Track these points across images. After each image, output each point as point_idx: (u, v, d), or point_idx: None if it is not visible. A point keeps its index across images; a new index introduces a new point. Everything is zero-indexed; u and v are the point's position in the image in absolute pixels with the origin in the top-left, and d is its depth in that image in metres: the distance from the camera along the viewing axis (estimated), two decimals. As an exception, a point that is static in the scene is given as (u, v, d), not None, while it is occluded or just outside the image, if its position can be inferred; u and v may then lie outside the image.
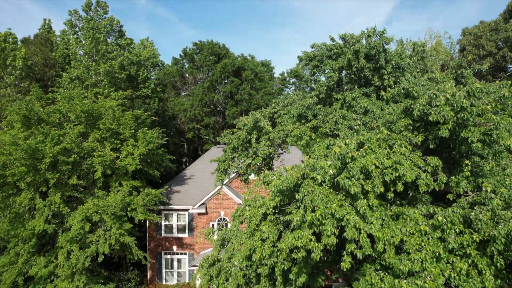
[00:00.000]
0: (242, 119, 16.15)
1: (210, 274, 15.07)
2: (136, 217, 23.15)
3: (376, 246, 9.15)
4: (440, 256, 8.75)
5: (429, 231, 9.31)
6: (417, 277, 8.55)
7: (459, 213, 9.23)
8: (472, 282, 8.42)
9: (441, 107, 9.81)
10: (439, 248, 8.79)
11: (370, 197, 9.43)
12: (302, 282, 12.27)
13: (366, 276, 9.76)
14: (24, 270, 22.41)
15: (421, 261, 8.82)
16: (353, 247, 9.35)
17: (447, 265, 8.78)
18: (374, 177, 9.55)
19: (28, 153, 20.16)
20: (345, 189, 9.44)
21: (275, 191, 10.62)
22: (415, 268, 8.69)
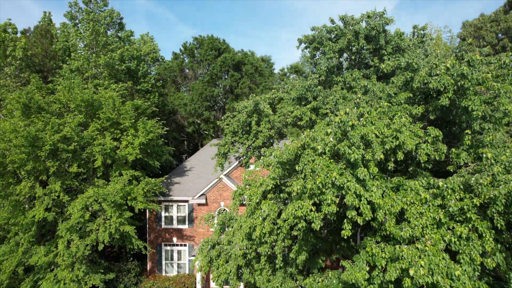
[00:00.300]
0: (242, 102, 16.12)
1: (210, 256, 15.02)
2: (136, 206, 23.11)
3: (376, 214, 9.10)
4: (441, 222, 8.70)
5: (430, 199, 9.27)
6: (417, 243, 8.49)
7: (460, 181, 9.18)
8: (473, 245, 8.37)
9: (441, 76, 9.78)
10: (440, 214, 8.74)
11: (370, 166, 9.38)
12: (303, 260, 12.27)
13: (366, 248, 9.70)
14: (24, 260, 22.38)
15: (421, 227, 8.77)
16: (354, 214, 9.30)
17: (447, 231, 8.73)
18: (375, 145, 9.50)
19: (28, 140, 20.13)
20: (346, 158, 9.40)
21: (275, 163, 10.57)
22: (415, 233, 8.64)
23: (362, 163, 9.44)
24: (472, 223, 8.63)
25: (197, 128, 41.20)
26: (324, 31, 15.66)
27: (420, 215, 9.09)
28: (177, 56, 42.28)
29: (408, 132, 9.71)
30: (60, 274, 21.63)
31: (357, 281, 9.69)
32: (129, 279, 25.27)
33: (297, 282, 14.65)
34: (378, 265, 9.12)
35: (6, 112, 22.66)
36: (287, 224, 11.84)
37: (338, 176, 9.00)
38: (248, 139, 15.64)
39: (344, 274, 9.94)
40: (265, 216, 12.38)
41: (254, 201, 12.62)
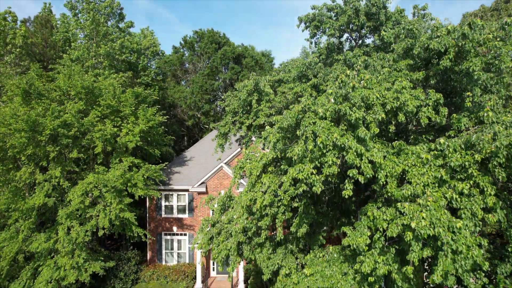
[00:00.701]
0: (242, 82, 16.10)
1: (211, 234, 14.97)
2: (136, 193, 23.06)
3: (377, 174, 9.06)
4: (442, 180, 8.66)
5: (431, 159, 9.22)
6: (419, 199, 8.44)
7: (461, 141, 9.14)
8: (474, 200, 8.32)
9: (442, 37, 9.76)
10: (441, 172, 8.69)
11: (371, 126, 9.34)
12: (303, 232, 12.20)
13: (368, 213, 9.65)
14: (24, 248, 22.27)
15: (423, 185, 8.72)
16: (355, 172, 9.24)
17: (449, 189, 8.68)
18: (376, 106, 9.46)
19: (28, 124, 20.10)
20: (347, 120, 9.36)
21: (276, 129, 10.54)
22: (417, 191, 8.58)
23: (363, 124, 9.41)
24: (474, 179, 8.59)
25: (197, 121, 41.18)
26: (325, 9, 15.66)
27: (422, 175, 9.04)
28: (177, 50, 42.32)
29: (409, 95, 9.69)
30: (60, 261, 21.53)
31: (358, 246, 9.64)
32: (129, 268, 25.19)
33: (297, 260, 14.59)
34: (380, 227, 9.07)
35: (6, 99, 22.64)
36: (287, 195, 11.81)
37: (339, 137, 8.96)
38: (248, 118, 15.60)
39: (345, 239, 9.89)
40: (266, 189, 12.32)
41: (255, 174, 12.57)
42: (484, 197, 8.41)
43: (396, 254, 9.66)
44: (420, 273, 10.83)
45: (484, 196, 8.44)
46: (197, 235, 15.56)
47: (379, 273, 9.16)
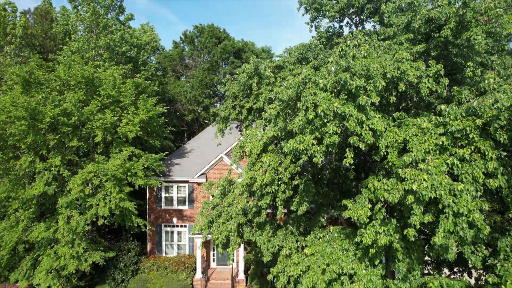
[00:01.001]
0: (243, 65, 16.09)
1: (211, 216, 14.94)
2: (137, 183, 23.02)
3: (378, 143, 9.04)
4: (443, 147, 8.64)
5: (432, 127, 9.21)
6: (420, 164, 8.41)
7: (462, 109, 9.13)
8: (475, 165, 8.30)
9: (443, 7, 9.77)
10: (442, 138, 8.67)
11: (372, 95, 9.32)
12: (304, 210, 12.17)
13: (369, 185, 9.64)
14: (24, 238, 22.21)
15: (424, 152, 8.70)
16: (355, 139, 9.22)
17: (450, 156, 8.66)
18: (376, 75, 9.45)
19: (28, 112, 20.08)
20: (347, 89, 9.36)
21: (277, 102, 10.52)
22: (418, 157, 8.56)
23: (364, 93, 9.39)
24: (475, 145, 8.56)
25: (197, 116, 41.16)
26: (325, -9, 15.66)
27: (422, 143, 9.01)
28: (177, 44, 42.33)
29: (409, 66, 9.68)
30: (60, 251, 21.46)
31: (359, 219, 9.62)
32: (129, 258, 25.13)
33: (298, 242, 14.56)
34: (381, 197, 9.05)
35: (6, 88, 22.63)
36: (288, 172, 11.80)
37: (340, 106, 8.95)
38: (249, 101, 15.59)
39: (346, 212, 9.88)
40: (266, 167, 12.31)
41: (255, 153, 12.56)
42: (486, 162, 8.39)
43: (397, 225, 9.63)
44: (420, 247, 10.82)
45: (486, 161, 8.42)
46: (197, 219, 15.50)
47: (380, 243, 9.14)
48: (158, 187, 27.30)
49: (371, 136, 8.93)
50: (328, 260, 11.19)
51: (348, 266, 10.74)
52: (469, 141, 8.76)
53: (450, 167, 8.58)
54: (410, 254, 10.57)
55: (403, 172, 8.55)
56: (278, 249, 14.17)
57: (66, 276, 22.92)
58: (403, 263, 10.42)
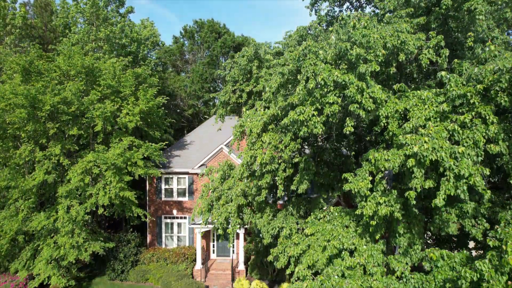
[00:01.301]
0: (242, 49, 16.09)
1: (211, 199, 14.91)
2: (136, 172, 23.00)
3: (379, 112, 9.02)
4: (444, 114, 8.61)
5: (432, 96, 9.19)
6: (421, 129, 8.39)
7: (463, 78, 9.10)
8: (476, 129, 8.28)
9: (444, -23, 9.75)
10: (443, 105, 8.65)
11: (372, 64, 9.31)
12: (304, 189, 12.14)
13: (369, 156, 9.61)
14: (24, 228, 22.12)
15: (424, 118, 8.68)
16: (356, 106, 9.20)
17: (451, 123, 8.63)
18: (376, 44, 9.43)
19: (28, 99, 20.06)
20: (347, 59, 9.34)
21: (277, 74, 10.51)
22: (418, 123, 8.54)
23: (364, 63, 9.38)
24: (476, 110, 8.54)
25: (197, 111, 41.15)
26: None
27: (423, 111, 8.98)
28: (177, 39, 42.36)
29: (409, 36, 9.68)
30: (60, 240, 21.39)
31: (360, 191, 9.59)
32: (129, 249, 25.08)
33: (298, 225, 14.52)
34: (381, 167, 9.02)
35: (6, 77, 22.61)
36: (288, 150, 11.78)
37: (340, 75, 8.94)
38: (249, 85, 15.58)
39: (347, 185, 9.85)
40: (266, 146, 12.28)
41: (255, 132, 12.53)
42: (486, 127, 8.36)
43: (397, 195, 9.61)
44: (421, 222, 10.79)
45: (486, 126, 8.39)
46: (197, 202, 15.48)
47: (381, 213, 9.11)
48: (158, 179, 27.28)
49: (372, 103, 8.91)
50: (328, 236, 11.15)
51: (349, 242, 10.70)
52: (470, 108, 8.73)
53: (451, 134, 8.55)
54: (411, 228, 10.54)
55: (403, 137, 8.52)
56: (278, 231, 14.14)
57: (66, 267, 22.83)
58: (404, 237, 10.39)
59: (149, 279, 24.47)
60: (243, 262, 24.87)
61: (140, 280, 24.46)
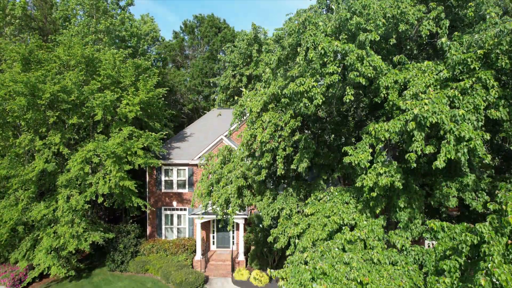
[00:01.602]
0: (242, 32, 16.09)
1: (211, 181, 14.89)
2: (136, 162, 22.97)
3: (379, 81, 9.01)
4: (444, 79, 8.59)
5: (433, 65, 9.18)
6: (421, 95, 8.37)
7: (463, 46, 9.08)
8: (477, 93, 8.26)
9: None
10: (443, 72, 8.64)
11: (372, 34, 9.30)
12: (304, 167, 12.12)
13: (369, 128, 9.60)
14: (24, 219, 22.06)
15: (424, 85, 8.67)
16: (356, 74, 9.19)
17: (451, 90, 8.62)
18: (376, 14, 9.42)
19: (27, 87, 20.04)
20: (347, 29, 9.33)
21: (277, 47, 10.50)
22: (419, 89, 8.52)
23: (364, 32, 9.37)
24: (476, 76, 8.51)
25: (197, 106, 41.16)
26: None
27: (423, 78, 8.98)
28: (177, 34, 42.38)
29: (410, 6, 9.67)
30: (60, 230, 21.34)
31: (360, 163, 9.58)
32: (129, 240, 25.03)
33: (298, 207, 14.50)
34: (382, 137, 9.00)
35: (5, 67, 22.60)
36: (288, 127, 11.77)
37: (340, 44, 8.93)
38: (249, 68, 15.58)
39: (347, 157, 9.83)
40: (266, 125, 12.26)
41: (255, 111, 12.52)
42: (487, 92, 8.33)
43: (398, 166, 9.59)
44: (421, 197, 10.77)
45: (487, 91, 8.36)
46: (197, 186, 15.44)
47: (381, 183, 9.08)
48: (158, 170, 27.26)
49: (372, 70, 8.91)
50: (329, 213, 11.12)
51: (349, 217, 10.68)
52: (470, 75, 8.71)
53: (451, 100, 8.53)
54: (411, 203, 10.51)
55: (404, 104, 8.51)
56: (278, 214, 14.11)
57: (65, 257, 22.78)
58: (404, 212, 10.37)
59: (149, 270, 24.42)
60: (243, 253, 24.83)
61: (140, 271, 24.41)
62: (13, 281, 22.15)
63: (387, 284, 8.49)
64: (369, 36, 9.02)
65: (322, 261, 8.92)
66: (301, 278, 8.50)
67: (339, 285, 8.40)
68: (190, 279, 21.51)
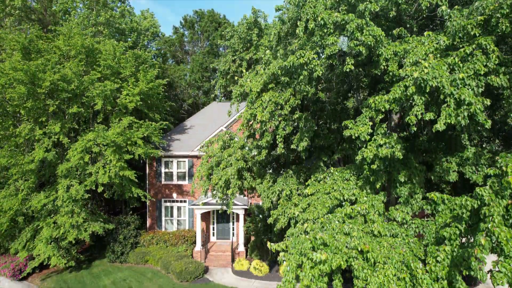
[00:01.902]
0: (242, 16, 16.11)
1: (211, 164, 14.88)
2: (136, 152, 22.97)
3: (378, 51, 9.01)
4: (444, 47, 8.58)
5: (433, 34, 9.18)
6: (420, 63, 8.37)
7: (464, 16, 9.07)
8: (477, 59, 8.25)
9: None
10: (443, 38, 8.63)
11: (372, 5, 9.31)
12: (304, 146, 12.12)
13: (369, 101, 9.59)
14: (24, 209, 22.02)
15: (424, 53, 8.66)
16: (356, 43, 9.19)
17: (451, 57, 8.61)
18: None
19: (27, 75, 20.04)
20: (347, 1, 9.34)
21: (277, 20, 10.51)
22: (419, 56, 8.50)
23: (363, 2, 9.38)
24: (476, 42, 8.49)
25: (197, 101, 41.17)
26: None
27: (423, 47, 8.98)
28: (177, 30, 42.41)
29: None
30: (60, 220, 21.31)
31: (360, 136, 9.58)
32: (129, 231, 25.00)
33: (298, 191, 14.49)
34: (382, 108, 9.00)
35: (5, 56, 22.61)
36: (288, 106, 11.77)
37: (340, 15, 8.94)
38: (249, 52, 15.59)
39: (347, 131, 9.83)
40: (266, 104, 12.25)
41: (255, 90, 12.52)
42: (487, 59, 8.31)
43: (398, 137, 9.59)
44: (422, 172, 10.76)
45: (487, 57, 8.34)
46: (197, 170, 15.43)
47: (382, 154, 9.08)
48: (158, 162, 27.25)
49: (372, 38, 8.91)
50: (329, 189, 11.11)
51: (349, 193, 10.67)
52: (470, 42, 8.70)
53: (451, 68, 8.52)
54: (411, 179, 10.50)
55: (403, 70, 8.50)
56: (278, 196, 14.10)
57: (65, 248, 22.75)
58: (404, 187, 10.36)
59: (149, 261, 24.40)
60: (243, 244, 24.81)
61: (139, 262, 24.38)
62: (13, 271, 22.11)
63: (387, 253, 8.48)
64: (369, 6, 9.04)
65: (322, 232, 8.90)
66: (301, 247, 8.48)
67: (340, 254, 8.39)
68: (190, 268, 21.48)
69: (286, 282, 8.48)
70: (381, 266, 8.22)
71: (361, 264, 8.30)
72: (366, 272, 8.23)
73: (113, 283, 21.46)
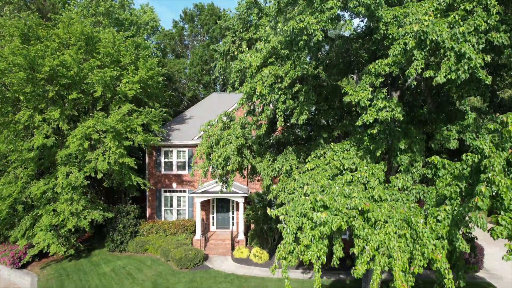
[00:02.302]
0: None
1: (211, 142, 14.84)
2: (136, 139, 22.91)
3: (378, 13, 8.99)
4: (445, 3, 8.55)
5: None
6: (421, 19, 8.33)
7: None
8: (478, 15, 8.23)
9: None
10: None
11: None
12: (304, 119, 12.08)
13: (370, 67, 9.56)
14: (23, 198, 21.93)
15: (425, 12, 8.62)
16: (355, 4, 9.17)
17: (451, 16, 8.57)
18: None
19: (27, 60, 20.00)
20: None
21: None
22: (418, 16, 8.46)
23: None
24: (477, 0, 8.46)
25: (197, 94, 41.16)
26: None
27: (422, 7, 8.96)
28: (177, 23, 42.46)
29: None
30: (59, 207, 21.23)
31: (360, 101, 9.55)
32: (128, 220, 24.92)
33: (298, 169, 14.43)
34: (382, 72, 8.98)
35: (4, 43, 22.57)
36: (288, 78, 11.75)
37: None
38: (249, 32, 15.57)
39: (346, 97, 9.79)
40: (266, 78, 12.22)
41: (255, 65, 12.50)
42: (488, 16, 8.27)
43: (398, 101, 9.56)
44: (422, 141, 10.72)
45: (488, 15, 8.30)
46: (197, 149, 15.36)
47: (382, 117, 9.05)
48: (158, 152, 27.20)
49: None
50: (329, 159, 11.08)
51: (350, 162, 10.63)
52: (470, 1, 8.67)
53: (451, 26, 8.49)
54: (412, 147, 10.47)
55: (403, 29, 8.48)
56: (278, 173, 14.05)
57: (65, 236, 22.67)
58: (405, 156, 10.32)
59: (148, 250, 24.33)
60: (243, 232, 24.75)
61: (139, 251, 24.31)
62: (12, 259, 22.02)
63: (388, 213, 8.44)
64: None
65: (322, 195, 8.86)
66: (301, 208, 8.44)
67: (340, 215, 8.34)
68: (189, 255, 21.40)
69: (286, 244, 8.43)
70: (381, 225, 8.19)
71: (361, 223, 8.26)
72: (366, 232, 8.19)
73: (112, 270, 21.39)
